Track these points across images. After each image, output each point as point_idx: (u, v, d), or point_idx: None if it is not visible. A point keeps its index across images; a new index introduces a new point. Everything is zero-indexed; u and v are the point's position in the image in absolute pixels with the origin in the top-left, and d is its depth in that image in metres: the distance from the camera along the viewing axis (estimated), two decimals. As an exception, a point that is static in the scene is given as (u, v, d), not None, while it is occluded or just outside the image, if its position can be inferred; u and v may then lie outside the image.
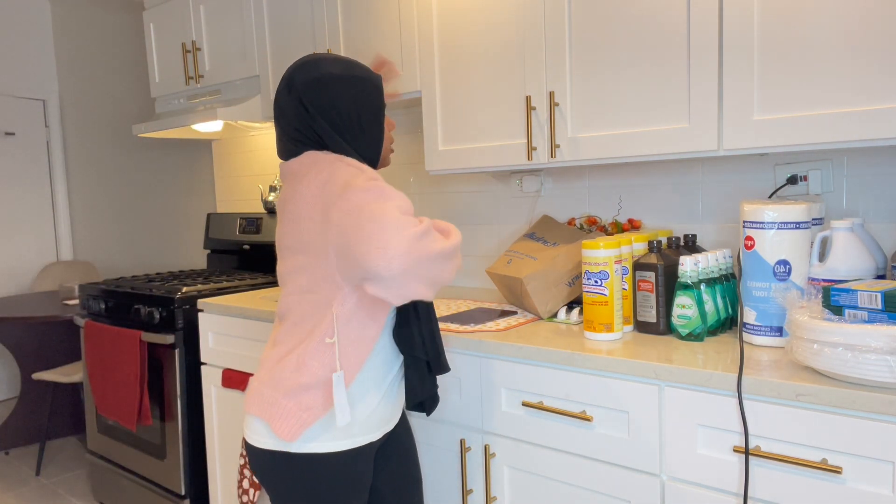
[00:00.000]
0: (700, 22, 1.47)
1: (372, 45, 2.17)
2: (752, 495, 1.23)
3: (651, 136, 1.57)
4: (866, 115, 1.29)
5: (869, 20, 1.28)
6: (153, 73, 3.05)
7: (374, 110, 1.37)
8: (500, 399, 1.59)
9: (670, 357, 1.37)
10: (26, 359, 3.63)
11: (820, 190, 1.65)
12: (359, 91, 1.34)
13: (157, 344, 2.49)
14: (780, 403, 1.19)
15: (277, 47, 2.49)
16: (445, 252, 1.19)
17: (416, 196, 2.56)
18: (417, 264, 1.14)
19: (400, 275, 1.13)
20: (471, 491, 1.66)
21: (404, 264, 1.12)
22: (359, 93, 1.34)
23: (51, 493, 3.10)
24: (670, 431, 1.33)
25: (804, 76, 1.36)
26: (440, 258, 1.17)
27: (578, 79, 1.70)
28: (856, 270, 1.39)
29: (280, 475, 1.32)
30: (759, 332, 1.42)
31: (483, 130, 1.91)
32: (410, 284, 1.15)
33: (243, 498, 2.13)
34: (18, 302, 3.54)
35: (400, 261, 1.12)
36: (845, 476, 1.14)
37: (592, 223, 2.04)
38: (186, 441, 2.47)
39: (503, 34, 1.83)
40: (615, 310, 1.53)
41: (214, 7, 2.71)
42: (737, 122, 1.44)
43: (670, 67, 1.54)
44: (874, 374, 1.09)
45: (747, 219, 1.43)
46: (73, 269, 4.19)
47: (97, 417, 2.89)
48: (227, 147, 3.38)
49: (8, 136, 4.05)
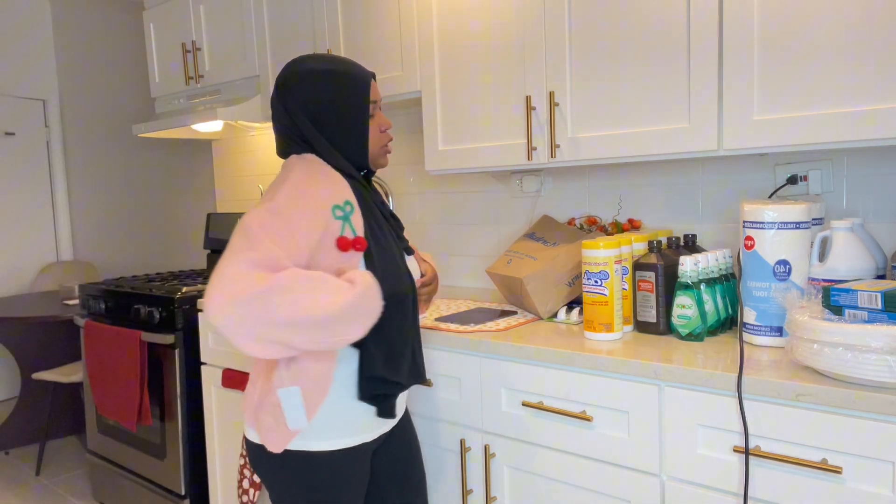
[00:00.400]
0: (700, 22, 1.47)
1: (372, 45, 2.17)
2: (752, 495, 1.23)
3: (651, 136, 1.57)
4: (866, 115, 1.29)
5: (869, 20, 1.28)
6: (153, 73, 3.05)
7: (355, 106, 1.33)
8: (500, 399, 1.59)
9: (670, 357, 1.37)
10: (26, 359, 3.63)
11: (820, 190, 1.65)
12: (338, 86, 1.32)
13: (157, 344, 2.49)
14: (780, 403, 1.19)
15: (277, 47, 2.49)
16: (296, 321, 1.09)
17: (416, 196, 2.56)
18: (240, 325, 1.08)
19: (221, 329, 1.09)
20: (471, 491, 1.66)
21: (221, 324, 1.08)
22: (338, 88, 1.32)
23: (51, 493, 3.10)
24: (670, 431, 1.33)
25: (804, 76, 1.36)
26: (285, 326, 1.09)
27: (578, 79, 1.70)
28: (856, 270, 1.39)
29: (274, 471, 1.33)
30: (759, 332, 1.42)
31: (483, 130, 1.91)
32: (238, 341, 1.10)
33: (243, 498, 2.13)
34: (18, 302, 3.54)
35: (217, 320, 1.08)
36: (845, 476, 1.14)
37: (592, 223, 2.04)
38: (186, 441, 2.47)
39: (503, 34, 1.83)
40: (615, 310, 1.53)
41: (214, 7, 2.71)
42: (737, 122, 1.44)
43: (670, 67, 1.54)
44: (874, 374, 1.09)
45: (747, 219, 1.43)
46: (73, 269, 4.19)
47: (97, 417, 2.89)
48: (227, 147, 3.38)
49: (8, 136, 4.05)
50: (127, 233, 4.56)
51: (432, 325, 1.76)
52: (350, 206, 1.27)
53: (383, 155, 1.42)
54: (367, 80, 1.36)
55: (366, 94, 1.34)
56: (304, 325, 1.11)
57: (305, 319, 1.11)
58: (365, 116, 1.35)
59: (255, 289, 1.08)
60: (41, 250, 4.21)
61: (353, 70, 1.35)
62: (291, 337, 1.11)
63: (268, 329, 1.09)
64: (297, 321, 1.10)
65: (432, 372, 1.72)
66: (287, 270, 1.13)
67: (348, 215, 1.26)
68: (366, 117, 1.35)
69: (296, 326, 1.10)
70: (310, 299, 1.11)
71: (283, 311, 1.09)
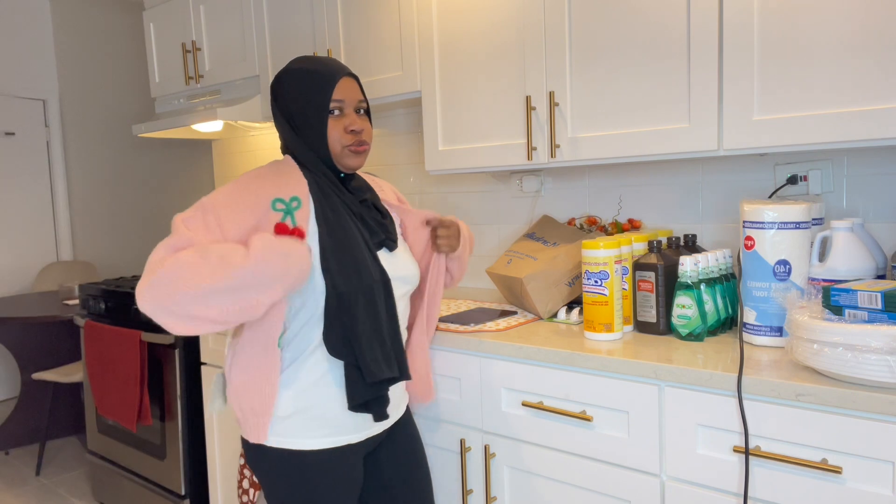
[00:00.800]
0: (700, 22, 1.47)
1: (372, 45, 2.17)
2: (752, 495, 1.23)
3: (651, 136, 1.57)
4: (866, 115, 1.29)
5: (868, 20, 1.28)
6: (153, 73, 3.05)
7: (314, 104, 1.33)
8: (500, 399, 1.59)
9: (670, 357, 1.37)
10: (26, 359, 3.63)
11: (820, 190, 1.65)
12: (303, 85, 1.34)
13: (157, 344, 2.49)
14: (780, 403, 1.19)
15: (277, 47, 2.49)
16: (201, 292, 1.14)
17: (416, 196, 2.56)
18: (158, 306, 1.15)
19: (149, 315, 1.17)
20: (471, 491, 1.66)
21: (144, 309, 1.16)
22: (303, 87, 1.34)
23: (51, 493, 3.10)
24: (670, 431, 1.33)
25: (804, 76, 1.36)
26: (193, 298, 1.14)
27: (578, 79, 1.70)
28: (856, 270, 1.39)
29: (263, 468, 1.36)
30: (759, 332, 1.42)
31: (483, 130, 1.91)
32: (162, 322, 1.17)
33: (243, 498, 2.13)
34: (18, 302, 3.54)
35: (141, 306, 1.17)
36: (845, 476, 1.14)
37: (592, 223, 2.04)
38: (186, 441, 2.47)
39: (503, 34, 1.83)
40: (615, 310, 1.53)
41: (214, 7, 2.71)
42: (737, 122, 1.44)
43: (670, 67, 1.54)
44: (874, 374, 1.09)
45: (747, 219, 1.43)
46: (73, 269, 4.19)
47: (97, 417, 2.89)
48: (227, 147, 3.38)
49: (8, 136, 4.05)
50: (127, 233, 4.56)
51: (432, 325, 1.76)
52: (297, 201, 1.30)
53: (348, 155, 1.36)
54: (333, 78, 1.34)
55: (327, 92, 1.32)
56: (210, 295, 1.15)
57: (208, 288, 1.14)
58: (322, 115, 1.33)
59: (162, 268, 1.14)
60: (41, 250, 4.21)
61: (320, 69, 1.34)
62: (204, 309, 1.15)
63: (180, 305, 1.14)
64: (201, 292, 1.14)
65: (433, 372, 1.72)
66: (190, 247, 1.19)
67: (291, 210, 1.29)
68: (323, 115, 1.33)
69: (203, 297, 1.14)
70: (209, 269, 1.15)
71: (186, 285, 1.13)
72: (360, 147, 1.36)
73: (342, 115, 1.35)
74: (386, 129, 2.62)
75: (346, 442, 1.35)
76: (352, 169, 1.38)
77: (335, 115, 1.34)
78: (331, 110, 1.33)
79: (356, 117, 1.36)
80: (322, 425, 1.33)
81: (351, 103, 1.35)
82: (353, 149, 1.36)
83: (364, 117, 1.39)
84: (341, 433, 1.35)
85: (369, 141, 1.40)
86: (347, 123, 1.34)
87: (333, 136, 1.34)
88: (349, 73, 1.37)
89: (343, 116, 1.35)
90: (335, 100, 1.33)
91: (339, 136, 1.35)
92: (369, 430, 1.39)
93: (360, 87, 1.39)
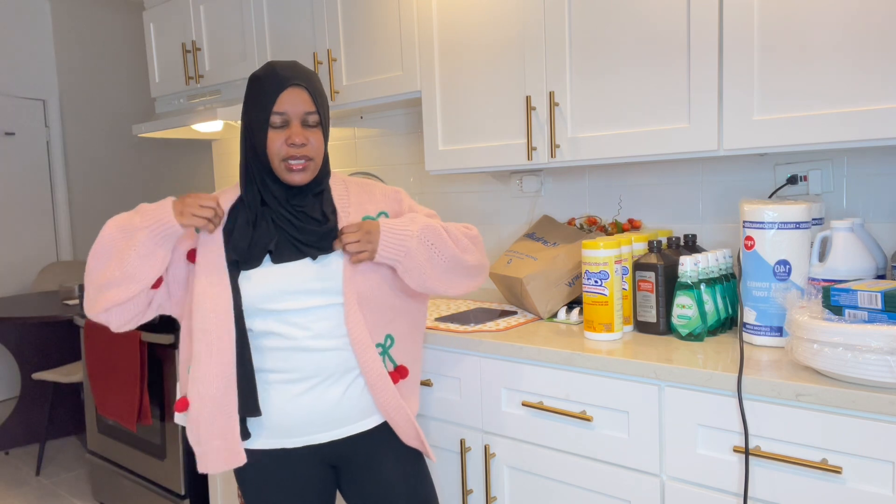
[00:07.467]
0: (700, 22, 1.47)
1: (372, 46, 2.17)
2: (752, 495, 1.23)
3: (651, 136, 1.57)
4: (866, 115, 1.29)
5: (868, 20, 1.28)
6: (153, 73, 3.05)
7: (258, 114, 1.28)
8: (500, 399, 1.59)
9: (670, 357, 1.37)
10: (26, 359, 3.63)
11: (820, 190, 1.65)
12: (252, 92, 1.30)
13: (157, 344, 2.49)
14: (780, 403, 1.19)
15: (277, 48, 2.49)
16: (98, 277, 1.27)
17: (416, 196, 2.56)
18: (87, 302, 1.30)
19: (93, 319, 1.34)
20: (471, 491, 1.66)
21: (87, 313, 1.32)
22: (251, 94, 1.30)
23: (51, 493, 3.10)
24: (670, 431, 1.33)
25: (804, 76, 1.36)
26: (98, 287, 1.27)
27: (578, 79, 1.70)
28: (856, 270, 1.39)
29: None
30: (759, 332, 1.42)
31: (483, 130, 1.91)
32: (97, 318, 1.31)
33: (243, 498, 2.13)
34: (18, 302, 3.54)
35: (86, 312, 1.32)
36: (845, 476, 1.14)
37: (592, 223, 2.04)
38: (186, 441, 2.47)
39: (503, 34, 1.83)
40: (615, 310, 1.53)
41: (214, 7, 2.71)
42: (737, 122, 1.44)
43: (670, 67, 1.54)
44: (874, 374, 1.09)
45: (747, 219, 1.43)
46: (73, 269, 4.19)
47: (97, 417, 2.89)
48: (227, 147, 3.38)
49: (8, 136, 4.05)
50: (127, 233, 4.56)
51: (432, 325, 1.76)
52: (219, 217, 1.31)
53: (286, 170, 1.28)
54: (277, 88, 1.26)
55: (268, 103, 1.26)
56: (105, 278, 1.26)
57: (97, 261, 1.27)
58: (264, 126, 1.27)
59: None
60: (41, 250, 4.21)
61: (267, 77, 1.28)
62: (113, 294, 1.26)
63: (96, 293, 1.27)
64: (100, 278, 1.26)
65: (433, 372, 1.72)
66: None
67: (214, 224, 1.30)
68: (262, 126, 1.28)
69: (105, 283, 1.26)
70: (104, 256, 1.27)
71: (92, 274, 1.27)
72: (299, 164, 1.28)
73: (287, 128, 1.28)
74: (386, 129, 2.62)
75: (281, 446, 1.36)
76: (294, 184, 1.30)
77: (277, 127, 1.27)
78: (271, 123, 1.27)
79: (299, 129, 1.28)
80: (270, 427, 1.34)
81: (296, 115, 1.28)
82: (289, 165, 1.28)
83: (313, 130, 1.30)
84: (282, 436, 1.35)
85: (314, 155, 1.31)
86: (287, 136, 1.27)
87: (272, 148, 1.28)
88: (299, 82, 1.28)
89: (286, 129, 1.28)
90: (276, 112, 1.26)
91: (277, 149, 1.28)
92: (308, 438, 1.34)
93: (312, 97, 1.29)
